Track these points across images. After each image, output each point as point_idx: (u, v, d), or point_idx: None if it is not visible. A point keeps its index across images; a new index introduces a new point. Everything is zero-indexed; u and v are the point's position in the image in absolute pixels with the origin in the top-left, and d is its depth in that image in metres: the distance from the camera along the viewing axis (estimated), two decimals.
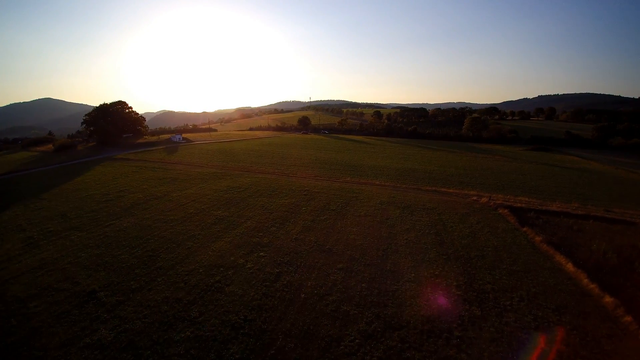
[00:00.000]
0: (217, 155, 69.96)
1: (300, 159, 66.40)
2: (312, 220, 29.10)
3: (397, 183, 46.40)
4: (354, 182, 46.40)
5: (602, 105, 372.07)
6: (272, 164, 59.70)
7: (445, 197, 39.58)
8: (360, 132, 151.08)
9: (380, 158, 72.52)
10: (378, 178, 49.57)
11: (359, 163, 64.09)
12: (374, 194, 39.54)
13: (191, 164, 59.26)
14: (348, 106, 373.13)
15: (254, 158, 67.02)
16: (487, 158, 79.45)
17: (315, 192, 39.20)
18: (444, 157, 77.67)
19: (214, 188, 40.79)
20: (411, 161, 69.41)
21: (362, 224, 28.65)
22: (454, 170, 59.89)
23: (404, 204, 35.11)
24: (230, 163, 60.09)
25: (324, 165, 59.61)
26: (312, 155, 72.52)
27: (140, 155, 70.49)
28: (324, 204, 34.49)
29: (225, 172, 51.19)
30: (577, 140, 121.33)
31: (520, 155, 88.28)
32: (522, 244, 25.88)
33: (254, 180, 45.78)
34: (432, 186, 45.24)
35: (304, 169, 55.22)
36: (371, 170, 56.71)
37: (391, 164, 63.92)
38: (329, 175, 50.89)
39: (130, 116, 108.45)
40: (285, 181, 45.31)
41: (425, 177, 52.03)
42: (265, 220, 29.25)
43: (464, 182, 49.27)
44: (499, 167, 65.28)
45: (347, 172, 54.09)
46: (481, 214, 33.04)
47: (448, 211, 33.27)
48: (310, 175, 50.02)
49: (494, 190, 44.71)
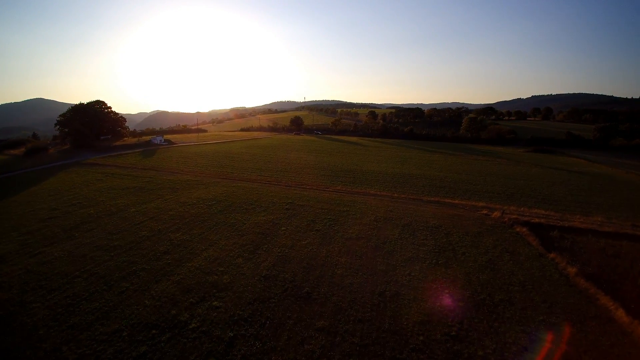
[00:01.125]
0: (197, 159, 63.82)
1: (287, 164, 60.61)
2: (291, 246, 23.35)
3: (395, 192, 40.89)
4: (345, 191, 40.76)
5: (596, 105, 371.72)
6: (255, 170, 53.81)
7: (451, 210, 34.13)
8: (355, 133, 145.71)
9: (375, 162, 67.06)
10: (373, 186, 44.01)
11: (352, 167, 58.51)
12: (369, 206, 33.94)
13: (165, 169, 53.11)
14: (343, 106, 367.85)
15: (237, 162, 61.03)
16: (489, 161, 74.48)
17: (300, 206, 33.46)
18: (443, 160, 72.51)
19: (181, 201, 34.82)
20: (409, 165, 64.04)
21: (352, 251, 22.98)
22: (455, 175, 54.62)
23: (404, 221, 29.56)
24: (209, 168, 54.05)
25: (313, 171, 53.90)
26: (302, 159, 66.78)
27: (113, 159, 64.05)
28: (309, 221, 28.77)
29: (201, 180, 45.20)
30: (578, 141, 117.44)
31: (522, 158, 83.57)
32: (554, 279, 20.46)
33: (232, 189, 39.88)
34: (434, 195, 39.81)
35: (290, 176, 49.45)
36: (365, 176, 51.15)
37: (387, 169, 58.46)
38: (318, 182, 45.20)
39: (109, 116, 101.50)
40: (267, 191, 39.50)
41: (425, 184, 46.62)
42: (232, 246, 23.42)
43: (469, 190, 43.96)
44: (503, 172, 60.22)
45: (339, 178, 48.45)
46: (496, 233, 27.63)
47: (457, 230, 27.78)
48: (297, 183, 44.28)
49: (503, 200, 39.44)
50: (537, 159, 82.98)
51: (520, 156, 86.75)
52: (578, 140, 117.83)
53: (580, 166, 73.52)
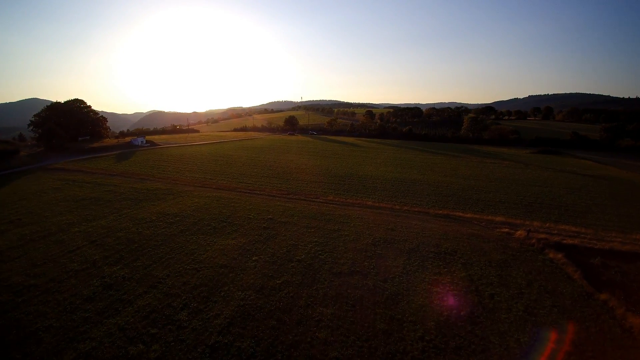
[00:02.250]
0: (175, 163, 57.71)
1: (275, 168, 54.68)
2: (260, 289, 17.46)
3: (396, 203, 35.10)
4: (338, 202, 34.92)
5: (593, 104, 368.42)
6: (238, 175, 47.83)
7: (464, 227, 28.41)
8: (351, 133, 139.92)
9: (373, 165, 61.29)
10: (371, 195, 38.20)
11: (347, 172, 52.70)
12: (365, 223, 28.14)
13: (136, 175, 47.00)
14: (340, 106, 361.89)
15: (220, 166, 55.00)
16: (496, 164, 68.99)
17: (282, 223, 27.59)
18: (447, 163, 66.91)
19: (138, 217, 28.81)
20: (410, 169, 58.33)
21: (343, 295, 17.14)
22: (462, 181, 48.98)
23: (409, 244, 23.77)
24: (186, 174, 48.01)
25: (303, 176, 48.02)
26: (292, 163, 60.86)
27: (82, 163, 57.77)
28: (289, 246, 22.90)
29: (172, 188, 39.17)
30: (584, 141, 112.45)
31: (529, 159, 78.19)
32: (616, 336, 14.77)
33: (204, 201, 33.90)
34: (442, 207, 34.08)
35: (276, 182, 43.55)
36: (362, 182, 45.35)
37: (387, 173, 52.70)
38: (308, 191, 39.33)
39: (89, 116, 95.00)
40: (246, 203, 33.56)
41: (429, 192, 40.90)
42: (180, 289, 17.50)
43: (481, 199, 38.30)
44: (513, 176, 54.70)
45: (332, 185, 42.61)
46: (526, 262, 21.93)
47: (476, 258, 22.04)
48: (283, 192, 38.38)
49: (523, 212, 33.80)
50: (544, 160, 77.67)
51: (527, 158, 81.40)
52: (584, 140, 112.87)
53: (593, 169, 68.27)
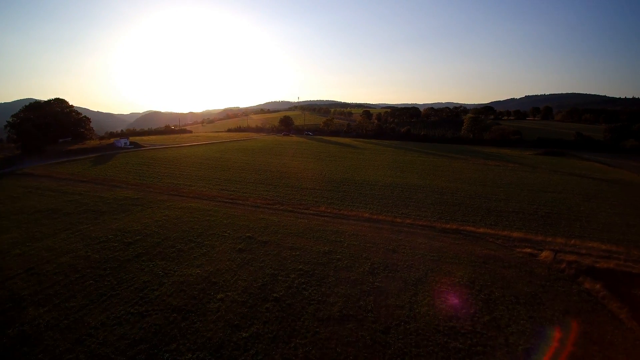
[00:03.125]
0: (155, 167, 53.11)
1: (264, 172, 50.25)
2: (217, 350, 12.99)
3: (397, 215, 30.84)
4: (332, 214, 30.57)
5: (590, 104, 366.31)
6: (223, 181, 43.38)
7: (478, 246, 24.17)
8: (348, 134, 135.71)
9: (371, 168, 57.04)
10: (368, 205, 33.90)
11: (343, 177, 48.41)
12: (362, 242, 23.83)
13: (108, 181, 42.43)
14: (337, 106, 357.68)
15: (204, 170, 50.49)
16: (500, 166, 64.99)
17: (262, 244, 23.20)
18: (449, 166, 62.82)
19: (93, 235, 24.30)
20: (411, 173, 54.12)
21: (330, 359, 12.79)
22: (468, 187, 44.84)
23: (415, 272, 19.49)
24: (164, 180, 43.49)
25: (293, 182, 43.66)
26: (283, 166, 56.46)
27: (55, 168, 53.02)
28: (267, 276, 18.52)
29: (144, 197, 34.66)
30: (588, 142, 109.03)
31: (535, 162, 74.34)
32: None
33: (176, 213, 29.44)
34: (450, 220, 29.83)
35: (262, 190, 39.15)
36: (359, 189, 41.07)
37: (385, 178, 48.47)
38: (297, 200, 34.97)
39: (71, 117, 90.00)
40: (224, 215, 29.14)
41: (434, 200, 36.67)
42: (110, 348, 13.02)
43: (492, 209, 34.11)
44: (522, 180, 50.67)
45: (325, 193, 38.27)
46: (559, 295, 17.72)
47: (499, 291, 17.77)
48: (268, 202, 33.99)
49: (542, 226, 29.66)
50: (551, 163, 73.82)
51: (532, 160, 77.57)
52: (588, 141, 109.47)
53: (602, 172, 64.47)
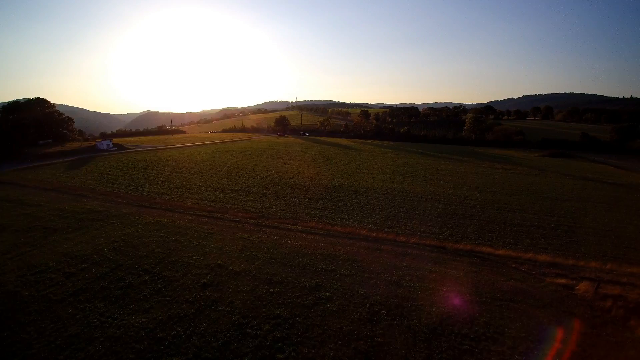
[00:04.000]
0: (133, 172, 48.53)
1: (253, 178, 45.80)
2: None
3: (400, 231, 26.44)
4: (323, 231, 26.15)
5: (588, 104, 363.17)
6: (204, 189, 38.91)
7: (500, 274, 19.80)
8: (345, 134, 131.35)
9: (369, 172, 52.69)
10: (367, 218, 29.50)
11: (338, 183, 44.04)
12: (358, 271, 19.43)
13: (76, 189, 37.85)
14: (335, 106, 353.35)
15: (185, 176, 46.00)
16: (508, 170, 60.77)
17: (233, 275, 18.74)
18: (453, 170, 58.55)
19: (34, 262, 19.75)
20: (412, 177, 49.80)
21: None
22: (477, 194, 40.55)
23: (425, 318, 15.09)
24: (138, 187, 38.96)
25: (282, 190, 39.23)
26: (274, 170, 52.01)
27: (25, 173, 48.33)
28: (230, 331, 14.03)
29: (109, 209, 30.12)
30: (594, 143, 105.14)
31: (543, 164, 70.20)
32: None
33: (139, 231, 24.92)
34: (462, 239, 25.47)
35: (248, 199, 34.69)
36: (355, 197, 36.69)
37: (385, 184, 44.13)
38: (285, 213, 30.53)
39: (52, 117, 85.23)
40: (196, 234, 24.66)
41: (441, 211, 32.32)
42: None
43: (508, 222, 29.78)
44: (535, 186, 46.46)
45: (317, 203, 33.86)
46: (611, 350, 13.38)
47: (533, 343, 13.43)
48: (252, 215, 29.53)
49: (567, 244, 25.37)
50: (559, 165, 69.72)
51: (539, 162, 73.45)
52: (593, 142, 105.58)
53: (616, 176, 60.40)
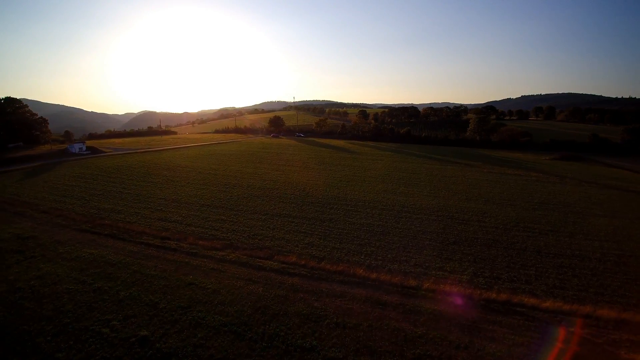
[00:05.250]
0: (93, 182, 42.17)
1: (229, 188, 39.53)
2: None
3: (408, 269, 20.24)
4: (305, 271, 19.88)
5: (587, 104, 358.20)
6: (167, 204, 32.62)
7: (556, 346, 13.71)
8: (343, 135, 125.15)
9: (367, 181, 46.56)
10: (365, 248, 23.26)
11: (330, 195, 37.88)
12: (351, 350, 13.26)
13: (17, 206, 31.49)
14: (333, 106, 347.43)
15: (151, 187, 39.68)
16: (522, 176, 54.72)
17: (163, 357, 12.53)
18: (461, 176, 52.48)
19: None
20: (417, 187, 43.68)
21: None
22: (495, 209, 34.45)
23: None
24: (91, 202, 32.63)
25: (264, 204, 32.99)
26: (258, 178, 45.75)
27: None
28: None
29: (38, 236, 23.77)
30: (604, 144, 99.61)
31: (557, 169, 64.29)
32: None
33: (59, 271, 18.58)
34: (493, 280, 19.31)
35: (216, 219, 28.41)
36: (351, 216, 30.53)
37: (386, 196, 38.00)
38: (259, 240, 24.26)
39: (24, 119, 78.57)
40: (129, 280, 18.35)
41: (459, 235, 26.14)
42: None
43: (543, 251, 23.66)
44: (557, 197, 40.48)
45: (303, 226, 27.64)
46: None
47: None
48: (216, 244, 23.22)
49: (624, 284, 19.34)
50: (574, 170, 63.85)
51: (552, 167, 67.56)
52: (604, 143, 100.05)
53: (638, 182, 54.72)
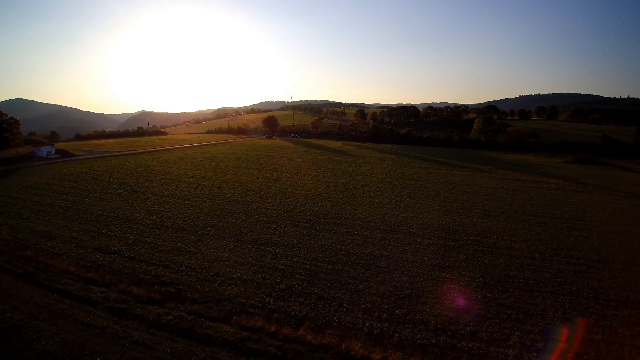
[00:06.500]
0: (39, 196, 35.52)
1: (201, 202, 32.95)
2: None
3: (429, 337, 13.85)
4: (273, 348, 13.43)
5: (586, 104, 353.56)
6: (116, 224, 26.03)
7: None
8: (340, 136, 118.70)
9: (366, 191, 40.15)
10: (363, 297, 16.80)
11: (321, 211, 31.44)
12: None
13: None
14: (331, 106, 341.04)
15: (106, 201, 33.05)
16: (541, 183, 48.47)
17: None
18: (472, 183, 46.18)
19: None
20: (424, 198, 37.32)
21: None
22: (522, 227, 28.11)
23: None
24: (25, 224, 26.01)
25: (236, 226, 26.49)
26: (240, 188, 39.20)
27: None
28: None
29: None
30: (617, 146, 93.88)
31: (576, 174, 58.08)
32: None
33: None
34: None
35: (169, 247, 21.89)
36: (345, 244, 24.13)
37: (389, 211, 31.59)
38: (217, 284, 17.73)
39: None
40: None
41: (486, 273, 19.77)
42: None
43: (602, 296, 17.32)
44: (588, 211, 34.23)
45: (280, 261, 21.21)
46: None
47: None
48: (154, 293, 16.63)
49: None
50: (593, 176, 57.73)
51: (568, 171, 61.45)
52: (616, 145, 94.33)
53: None
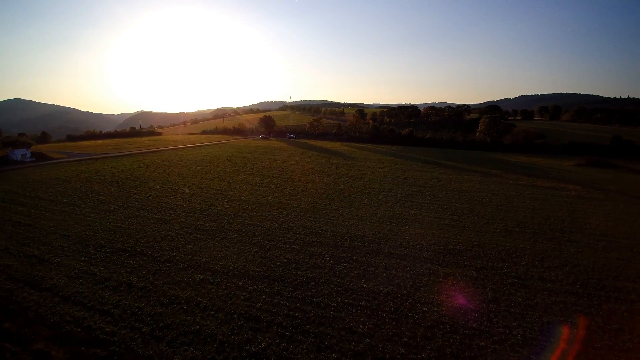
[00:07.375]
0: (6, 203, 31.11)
1: (175, 216, 28.51)
2: None
3: None
4: None
5: (585, 104, 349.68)
6: (68, 250, 21.57)
7: None
8: (338, 137, 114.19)
9: (366, 199, 35.69)
10: None
11: (313, 227, 27.00)
12: None
13: None
14: (330, 106, 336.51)
15: (71, 215, 28.63)
16: (559, 190, 44.09)
17: None
18: (483, 190, 41.75)
19: None
20: (433, 209, 32.83)
21: None
22: (552, 248, 23.71)
23: None
24: None
25: (208, 251, 22.08)
26: (223, 197, 34.74)
27: None
28: None
29: None
30: (628, 147, 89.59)
31: (592, 178, 53.75)
32: None
33: None
34: None
35: (129, 280, 17.42)
36: (342, 276, 19.72)
37: (395, 228, 27.15)
38: (180, 348, 13.33)
39: None
40: None
41: (525, 314, 15.39)
42: None
43: None
44: (621, 225, 29.88)
45: (263, 299, 16.78)
46: None
47: None
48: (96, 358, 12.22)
49: None
50: (612, 181, 53.34)
51: (583, 175, 57.09)
52: (628, 147, 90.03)
53: None
